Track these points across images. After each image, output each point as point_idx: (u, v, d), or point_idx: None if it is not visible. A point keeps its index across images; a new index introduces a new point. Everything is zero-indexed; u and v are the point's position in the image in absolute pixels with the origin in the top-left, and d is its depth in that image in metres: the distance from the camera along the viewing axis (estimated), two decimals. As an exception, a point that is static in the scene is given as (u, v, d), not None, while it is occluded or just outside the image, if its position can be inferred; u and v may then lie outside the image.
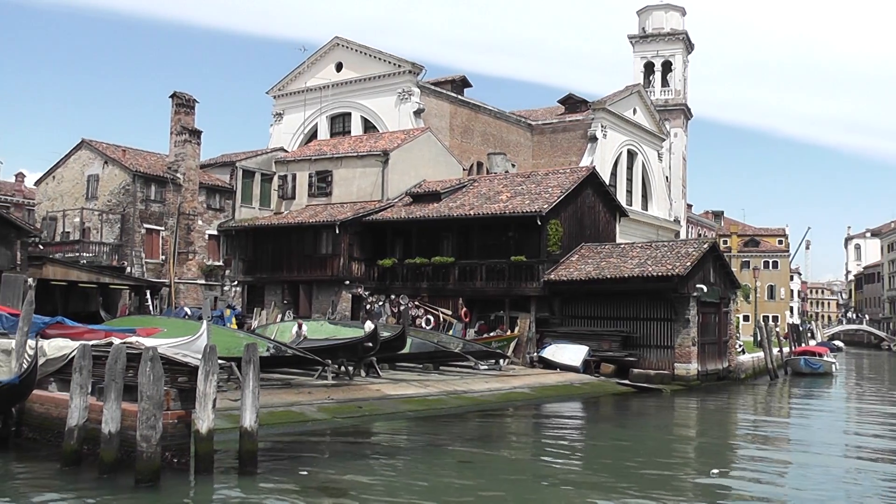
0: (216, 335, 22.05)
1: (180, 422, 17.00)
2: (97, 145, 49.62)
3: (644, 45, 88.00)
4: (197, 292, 48.41)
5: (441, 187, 46.80)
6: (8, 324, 24.38)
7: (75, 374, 17.39)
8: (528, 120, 70.27)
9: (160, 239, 47.62)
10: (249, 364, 17.10)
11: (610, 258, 40.63)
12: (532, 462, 20.64)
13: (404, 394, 28.82)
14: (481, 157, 63.35)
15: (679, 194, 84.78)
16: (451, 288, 42.95)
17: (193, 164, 49.10)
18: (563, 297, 40.61)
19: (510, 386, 33.22)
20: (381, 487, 16.75)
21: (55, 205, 50.82)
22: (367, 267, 46.13)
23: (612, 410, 32.06)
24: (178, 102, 49.35)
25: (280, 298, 47.98)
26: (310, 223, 46.82)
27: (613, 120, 68.86)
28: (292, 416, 23.71)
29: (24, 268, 35.34)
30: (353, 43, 63.34)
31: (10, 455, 18.89)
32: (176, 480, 16.21)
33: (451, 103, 62.74)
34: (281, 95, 67.49)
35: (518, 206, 41.73)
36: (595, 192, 45.58)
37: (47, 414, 19.25)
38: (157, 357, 16.27)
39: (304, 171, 51.62)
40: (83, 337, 21.38)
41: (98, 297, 42.15)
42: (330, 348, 29.74)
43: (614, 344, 38.64)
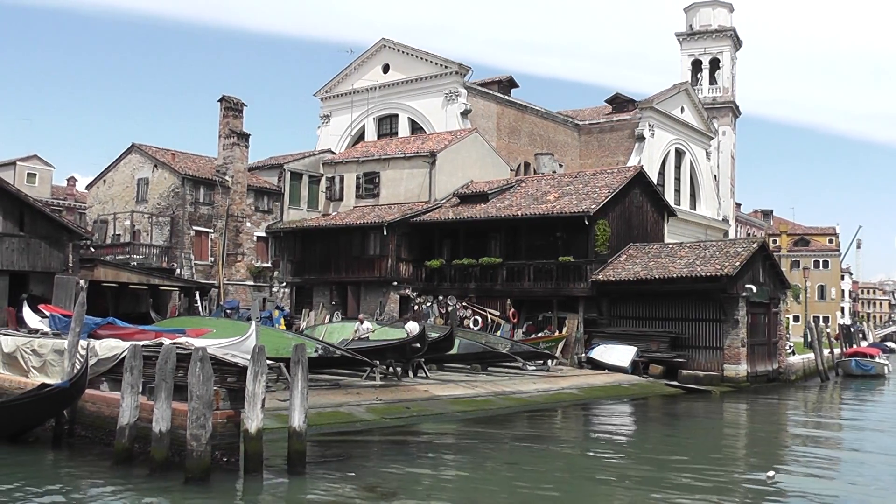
0: (265, 336, 22.14)
1: (229, 421, 17.11)
2: (147, 149, 50.12)
3: (691, 42, 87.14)
4: (245, 293, 48.72)
5: (488, 188, 46.74)
6: (61, 325, 24.75)
7: (126, 373, 17.55)
8: (575, 120, 70.01)
9: (209, 241, 47.99)
10: (298, 364, 17.14)
11: (658, 258, 40.37)
12: (581, 463, 20.52)
13: (452, 394, 28.77)
14: (528, 158, 63.18)
15: (727, 193, 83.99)
16: (498, 289, 42.89)
17: (242, 166, 49.45)
18: (611, 297, 40.40)
19: (558, 387, 33.08)
20: (429, 488, 16.73)
21: (106, 208, 51.38)
22: (415, 268, 46.18)
23: (661, 412, 31.81)
24: (227, 106, 49.77)
25: (328, 299, 48.15)
26: (357, 224, 46.96)
27: (661, 119, 68.42)
28: (340, 416, 23.75)
29: (76, 270, 35.73)
30: (400, 44, 63.42)
31: (64, 453, 19.16)
32: (225, 479, 16.30)
33: (498, 104, 62.64)
34: (328, 97, 67.71)
35: (566, 207, 41.59)
36: (643, 191, 45.33)
37: (99, 413, 19.47)
38: (206, 357, 16.36)
39: (352, 172, 51.76)
40: (134, 337, 21.61)
41: (148, 298, 42.57)
42: (378, 349, 29.76)
43: (663, 345, 38.37)
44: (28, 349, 22.67)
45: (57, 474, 17.56)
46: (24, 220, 34.00)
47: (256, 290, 49.30)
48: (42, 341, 22.93)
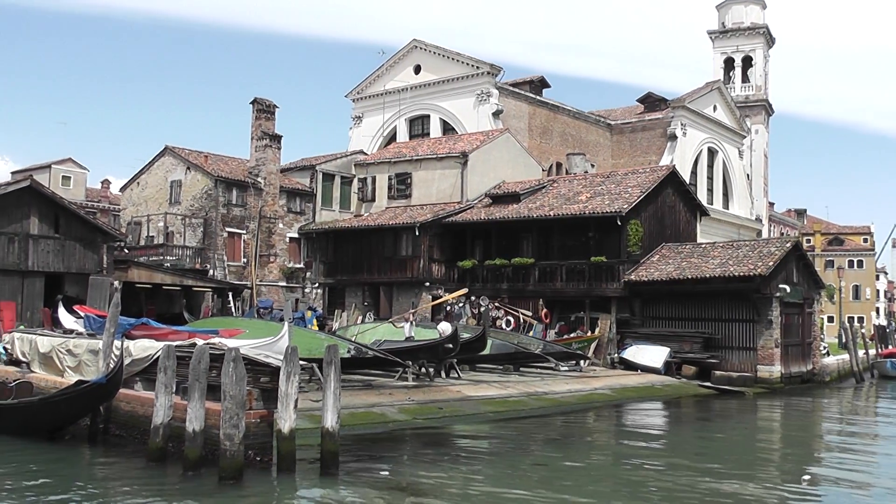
0: (297, 336, 22.21)
1: (262, 421, 17.16)
2: (180, 152, 50.40)
3: (724, 40, 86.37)
4: (278, 294, 48.88)
5: (520, 188, 46.67)
6: (95, 325, 24.93)
7: (160, 373, 17.65)
8: (607, 120, 69.82)
9: (242, 242, 48.20)
10: (331, 365, 17.15)
11: (691, 258, 40.15)
12: (613, 465, 20.42)
13: (485, 395, 28.72)
14: (560, 158, 63.05)
15: (760, 192, 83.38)
16: (531, 289, 42.81)
17: (274, 168, 49.62)
18: (643, 297, 40.22)
19: (591, 387, 32.96)
20: (461, 489, 16.69)
21: (140, 210, 51.74)
22: (447, 268, 46.15)
23: (694, 413, 31.61)
24: (259, 108, 49.97)
25: (360, 300, 48.21)
26: (390, 225, 47.00)
27: (693, 118, 68.10)
28: (373, 416, 23.76)
29: (111, 271, 35.97)
30: (431, 45, 63.43)
31: (99, 451, 19.34)
32: (259, 478, 16.36)
33: (530, 104, 62.55)
34: (360, 98, 67.82)
35: (598, 207, 41.45)
36: (675, 191, 45.11)
37: (133, 412, 19.62)
38: (239, 358, 16.42)
39: (384, 173, 51.82)
40: (167, 338, 21.72)
41: (181, 299, 42.81)
42: (410, 350, 29.77)
43: (695, 345, 38.13)
44: (63, 349, 22.89)
45: (92, 472, 17.73)
46: (59, 222, 34.28)
47: (289, 291, 49.47)
48: (77, 341, 23.13)
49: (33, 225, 33.51)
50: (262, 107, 50.07)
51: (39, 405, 20.40)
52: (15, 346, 25.07)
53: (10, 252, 32.84)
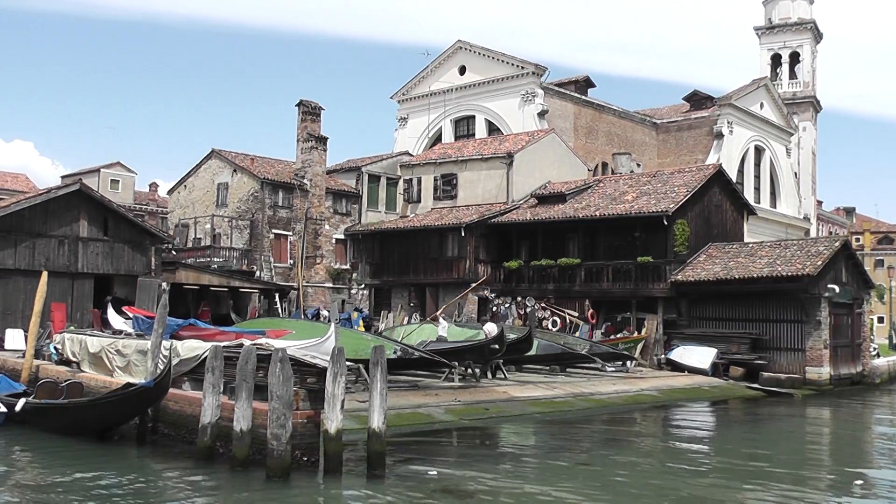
0: (344, 337, 22.25)
1: (309, 422, 17.20)
2: (227, 154, 50.75)
3: (770, 36, 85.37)
4: (324, 295, 49.07)
5: (566, 188, 46.53)
6: (144, 326, 25.13)
7: (208, 373, 17.75)
8: (652, 118, 69.50)
9: (288, 243, 48.43)
10: (377, 366, 17.15)
11: (738, 258, 39.79)
12: (660, 468, 20.21)
13: (531, 396, 28.63)
14: (606, 158, 62.83)
15: (808, 191, 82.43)
16: (577, 289, 42.65)
17: (320, 170, 49.80)
18: (690, 298, 39.92)
19: (637, 388, 32.76)
20: (507, 490, 16.63)
21: (187, 212, 52.16)
22: (493, 269, 46.08)
23: (742, 415, 31.29)
24: (305, 110, 50.18)
25: (406, 301, 48.26)
26: (435, 226, 47.02)
27: (740, 115, 67.58)
28: (419, 417, 23.77)
29: (159, 273, 36.27)
30: (476, 46, 63.47)
31: (147, 450, 19.51)
32: (305, 478, 16.39)
33: (575, 104, 62.40)
34: (405, 100, 68.00)
35: (644, 207, 41.24)
36: (722, 190, 44.73)
37: (181, 411, 19.75)
38: (286, 358, 16.46)
39: (430, 174, 51.84)
40: (215, 338, 21.84)
41: (229, 300, 43.10)
42: (457, 350, 29.76)
43: (743, 346, 37.76)
44: (112, 349, 23.12)
45: (141, 470, 17.84)
46: (108, 225, 34.63)
47: (335, 293, 49.63)
48: (126, 342, 23.35)
49: (83, 228, 33.87)
50: (307, 109, 50.28)
51: (88, 406, 20.66)
52: (65, 347, 25.34)
53: (61, 254, 33.21)
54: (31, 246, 32.59)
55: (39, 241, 32.79)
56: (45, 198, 33.47)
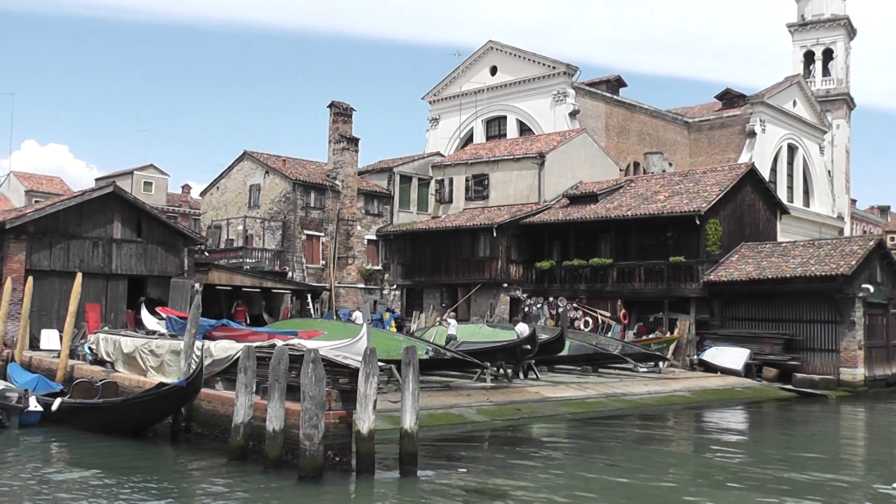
0: (376, 338, 22.29)
1: (342, 422, 17.23)
2: (258, 156, 50.94)
3: (803, 33, 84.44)
4: (356, 296, 49.16)
5: (598, 188, 46.39)
6: (177, 326, 25.30)
7: (240, 373, 17.84)
8: (684, 117, 69.18)
9: (320, 244, 48.55)
10: (409, 366, 17.18)
11: (771, 258, 39.52)
12: (693, 470, 20.12)
13: (563, 396, 28.60)
14: (638, 157, 62.64)
15: (842, 189, 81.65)
16: (609, 289, 42.52)
17: (351, 171, 49.91)
18: (723, 298, 39.69)
19: (670, 389, 32.63)
20: (540, 490, 16.62)
21: (219, 214, 52.39)
22: (525, 269, 46.01)
23: (776, 417, 31.07)
24: (336, 111, 50.31)
25: (438, 301, 48.26)
26: (467, 226, 47.00)
27: (772, 113, 67.08)
28: (451, 417, 23.79)
29: (191, 274, 36.43)
30: (507, 46, 63.45)
31: (181, 448, 19.73)
32: (338, 478, 16.44)
33: (607, 103, 62.24)
34: (436, 101, 68.05)
35: (676, 206, 41.05)
36: (754, 189, 44.44)
37: (214, 411, 19.89)
38: (318, 359, 16.51)
39: (461, 174, 51.84)
40: (247, 339, 21.95)
41: (261, 300, 43.24)
42: (488, 351, 29.73)
43: (776, 347, 37.47)
44: (146, 349, 23.31)
45: (175, 469, 18.01)
46: (141, 226, 34.83)
47: (367, 293, 49.71)
48: (159, 342, 23.53)
49: (117, 229, 34.08)
50: (339, 110, 50.41)
51: (122, 406, 20.89)
52: (100, 347, 25.56)
53: (95, 256, 33.44)
54: (65, 247, 32.83)
55: (74, 242, 33.03)
56: (80, 200, 33.71)
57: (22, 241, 31.74)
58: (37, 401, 22.19)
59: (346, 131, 50.17)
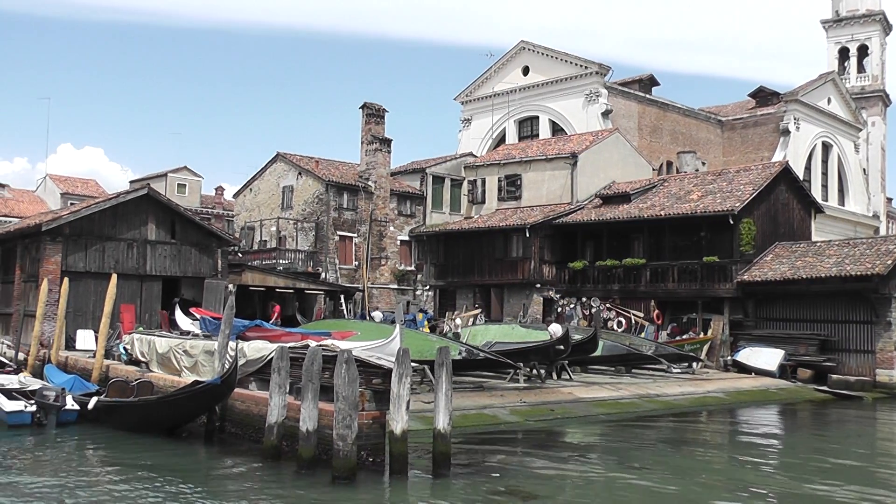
0: (409, 338, 22.28)
1: (375, 422, 17.24)
2: (291, 158, 51.15)
3: (838, 29, 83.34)
4: (389, 297, 49.23)
5: (631, 188, 46.23)
6: (211, 327, 25.47)
7: (274, 374, 17.90)
8: (717, 116, 68.79)
9: (353, 245, 48.66)
10: (442, 367, 17.17)
11: (805, 257, 39.21)
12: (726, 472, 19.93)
13: (596, 397, 28.51)
14: (671, 157, 62.37)
15: (878, 187, 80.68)
16: (642, 290, 42.37)
17: (384, 171, 50.01)
18: (756, 298, 39.43)
19: (704, 390, 32.42)
20: (573, 491, 16.59)
21: (252, 215, 52.67)
22: (558, 269, 45.92)
23: (811, 418, 30.79)
24: (369, 113, 50.43)
25: (471, 302, 48.25)
26: (500, 227, 46.98)
27: (806, 111, 66.49)
28: (485, 418, 23.77)
29: (225, 275, 36.61)
30: (540, 46, 63.35)
31: (215, 448, 19.88)
32: (371, 479, 16.45)
33: (639, 103, 62.02)
34: (468, 101, 68.04)
35: (709, 206, 40.83)
36: (788, 188, 44.11)
37: (248, 411, 20.01)
38: (351, 359, 16.53)
39: (494, 175, 51.80)
40: (281, 339, 22.04)
41: (294, 301, 43.39)
42: (522, 351, 29.68)
43: (811, 348, 37.12)
44: (180, 350, 23.46)
45: (209, 468, 18.13)
46: (175, 228, 35.03)
47: (400, 294, 49.77)
48: (193, 342, 23.67)
49: (151, 231, 34.31)
50: (371, 111, 50.54)
51: (157, 403, 21.07)
52: (134, 347, 25.77)
53: (130, 257, 33.67)
54: (100, 249, 33.08)
55: (109, 244, 33.27)
56: (115, 202, 33.96)
57: (58, 243, 32.01)
58: (73, 400, 22.41)
59: (378, 132, 50.28)
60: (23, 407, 21.88)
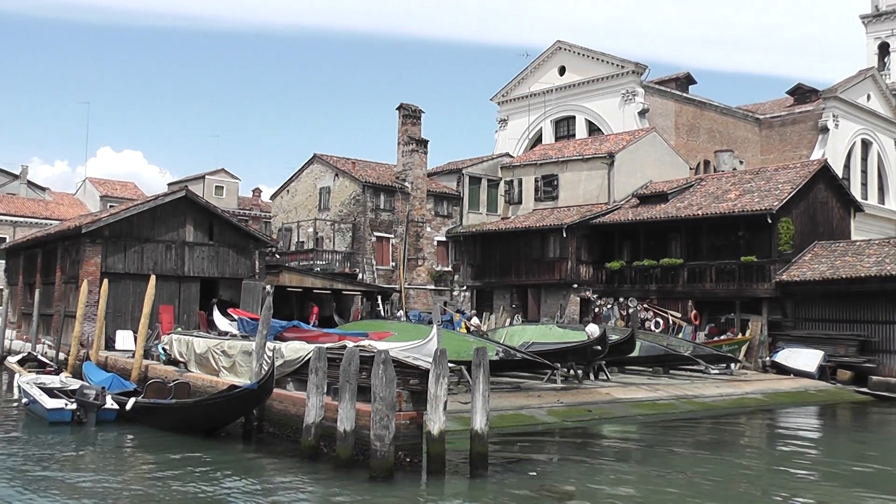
0: (446, 339, 22.27)
1: (412, 423, 17.28)
2: (328, 159, 51.33)
3: (877, 24, 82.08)
4: (426, 297, 49.27)
5: (668, 188, 46.01)
6: (248, 327, 25.65)
7: (311, 374, 17.95)
8: (755, 114, 68.24)
9: (390, 246, 48.77)
10: (479, 367, 17.15)
11: (845, 257, 38.78)
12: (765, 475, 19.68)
13: (634, 397, 28.37)
14: (708, 156, 61.96)
15: (919, 185, 79.92)
16: (679, 290, 42.14)
17: (421, 172, 50.07)
18: (795, 298, 39.05)
19: (742, 391, 32.14)
20: (610, 492, 16.52)
21: (290, 216, 52.90)
22: (595, 270, 45.80)
23: (851, 421, 30.43)
24: (405, 114, 50.53)
25: (508, 302, 48.23)
26: (537, 227, 46.92)
27: (845, 108, 65.72)
28: (522, 418, 23.73)
29: (263, 276, 36.83)
30: (576, 46, 63.16)
31: (253, 448, 19.98)
32: (408, 479, 16.47)
33: (676, 102, 61.68)
34: (505, 101, 67.96)
35: (747, 205, 40.56)
36: (827, 186, 43.70)
37: (286, 411, 20.12)
38: (389, 360, 16.55)
39: (530, 175, 51.74)
40: (318, 340, 22.15)
41: (332, 302, 43.55)
42: (559, 352, 29.61)
43: (851, 349, 36.64)
44: (218, 350, 23.64)
45: (247, 467, 18.21)
46: (213, 230, 35.29)
47: (437, 294, 49.80)
48: (231, 343, 23.84)
49: (189, 233, 34.58)
50: (407, 112, 50.62)
51: (194, 407, 21.21)
52: (173, 347, 25.98)
53: (168, 259, 33.95)
54: (139, 251, 33.38)
55: (148, 246, 33.56)
56: (153, 204, 34.26)
57: (97, 245, 32.36)
58: (112, 399, 22.62)
59: (415, 133, 50.37)
60: (64, 405, 22.12)
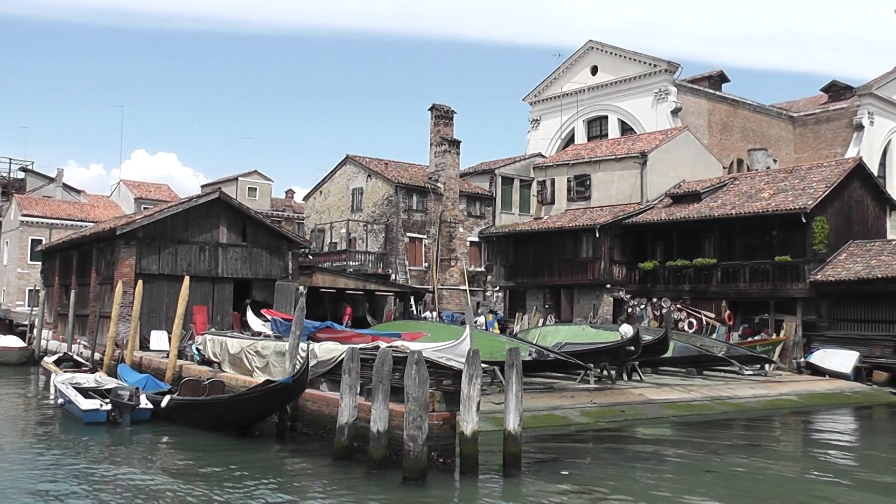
0: (479, 340, 22.29)
1: (445, 423, 17.29)
2: (361, 160, 51.46)
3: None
4: (459, 298, 49.27)
5: (701, 187, 45.77)
6: (282, 328, 25.76)
7: (345, 375, 17.98)
8: (789, 112, 67.77)
9: (423, 247, 48.83)
10: (512, 368, 17.14)
11: (881, 256, 38.42)
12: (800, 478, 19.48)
13: (667, 398, 28.26)
14: (741, 154, 61.64)
15: (956, 184, 79.02)
16: (713, 290, 41.91)
17: (453, 173, 50.11)
18: (830, 298, 38.72)
19: (776, 392, 31.89)
20: (643, 493, 16.46)
21: (322, 217, 53.07)
22: (628, 270, 45.66)
23: (887, 423, 30.15)
24: (437, 114, 50.58)
25: (541, 303, 48.15)
26: (570, 227, 46.82)
27: (881, 105, 65.09)
28: (555, 419, 23.70)
29: (296, 276, 36.97)
30: (608, 45, 63.03)
31: (287, 447, 20.07)
32: (442, 479, 16.48)
33: (709, 100, 61.40)
34: (537, 102, 67.91)
35: (781, 204, 40.27)
36: (862, 184, 43.30)
37: (319, 411, 20.21)
38: (422, 360, 16.57)
39: (563, 175, 51.62)
40: (351, 340, 22.20)
41: (364, 302, 43.64)
42: (592, 352, 29.54)
43: (887, 350, 36.26)
44: (252, 350, 23.76)
45: (281, 466, 18.32)
46: (246, 231, 35.48)
47: (470, 295, 49.80)
48: (265, 343, 23.95)
49: (222, 234, 34.78)
50: (440, 113, 50.68)
51: (229, 402, 21.36)
52: (207, 348, 26.14)
53: (202, 260, 34.16)
54: (173, 252, 33.62)
55: (182, 247, 33.79)
56: (187, 206, 34.49)
57: (132, 247, 32.62)
58: (146, 398, 22.79)
59: (447, 134, 50.41)
60: (99, 405, 22.31)
